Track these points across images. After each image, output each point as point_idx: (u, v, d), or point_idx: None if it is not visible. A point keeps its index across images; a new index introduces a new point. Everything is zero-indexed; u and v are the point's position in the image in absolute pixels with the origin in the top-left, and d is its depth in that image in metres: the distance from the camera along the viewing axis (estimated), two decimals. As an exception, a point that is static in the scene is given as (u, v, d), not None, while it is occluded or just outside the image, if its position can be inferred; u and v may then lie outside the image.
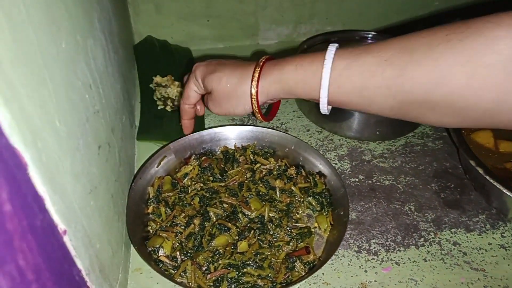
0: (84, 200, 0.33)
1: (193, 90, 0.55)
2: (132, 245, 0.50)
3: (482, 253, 0.53)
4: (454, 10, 0.93)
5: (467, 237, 0.55)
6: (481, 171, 0.50)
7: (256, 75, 0.46)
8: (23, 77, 0.24)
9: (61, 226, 0.27)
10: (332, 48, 0.42)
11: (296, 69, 0.44)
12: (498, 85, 0.33)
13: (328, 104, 0.44)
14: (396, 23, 0.95)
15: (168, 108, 0.73)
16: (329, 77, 0.41)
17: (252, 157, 0.63)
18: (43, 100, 0.26)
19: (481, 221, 0.57)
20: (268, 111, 0.55)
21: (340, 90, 0.41)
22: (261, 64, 0.47)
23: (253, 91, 0.47)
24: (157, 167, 0.59)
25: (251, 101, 0.47)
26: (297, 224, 0.55)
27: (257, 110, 0.48)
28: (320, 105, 0.44)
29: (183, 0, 0.84)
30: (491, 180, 0.49)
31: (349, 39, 0.80)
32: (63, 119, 0.30)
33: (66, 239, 0.28)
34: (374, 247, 0.53)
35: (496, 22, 0.33)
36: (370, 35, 0.80)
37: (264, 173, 0.61)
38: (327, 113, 0.46)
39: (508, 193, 0.47)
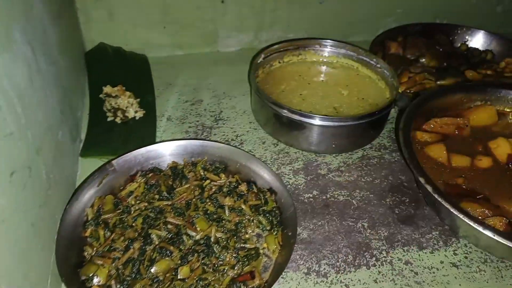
0: (-18, 238, 0.30)
1: None
2: (62, 274, 0.46)
3: (434, 272, 0.51)
4: (415, 18, 0.93)
5: (419, 255, 0.53)
6: (429, 189, 0.48)
7: None
8: None
9: None
10: None
11: None
12: None
13: None
14: (357, 31, 0.94)
15: (118, 120, 0.70)
16: None
17: (202, 173, 0.60)
18: None
19: (434, 238, 0.55)
20: None
21: None
22: None
23: None
24: (98, 186, 0.55)
25: None
26: (245, 245, 0.52)
27: None
28: None
29: (137, 6, 0.81)
30: (439, 199, 0.47)
31: (308, 47, 0.79)
32: None
33: None
34: (324, 268, 0.51)
35: None
36: (329, 44, 0.78)
37: (213, 190, 0.58)
38: None
39: (455, 212, 0.46)
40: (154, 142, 0.64)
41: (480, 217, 0.48)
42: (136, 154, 0.59)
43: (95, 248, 0.50)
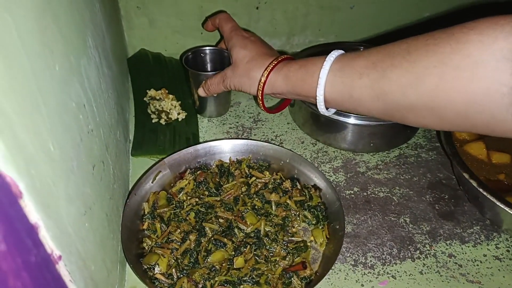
0: (79, 222, 0.33)
1: (225, 20, 0.66)
2: (127, 263, 0.49)
3: (477, 265, 0.53)
4: (444, 20, 0.95)
5: (462, 248, 0.55)
6: (474, 183, 0.50)
7: (270, 67, 0.52)
8: (16, 104, 0.23)
9: (56, 252, 0.27)
10: (334, 53, 0.46)
11: (299, 68, 0.49)
12: (466, 87, 0.34)
13: (326, 104, 0.47)
14: (387, 33, 0.96)
15: (162, 122, 0.73)
16: (325, 77, 0.45)
17: (247, 171, 0.63)
18: (36, 126, 0.26)
19: (476, 233, 0.57)
20: (276, 106, 0.62)
21: (334, 89, 0.45)
22: (279, 59, 0.53)
23: (262, 79, 0.52)
24: (152, 182, 0.59)
25: (258, 87, 0.53)
26: (293, 238, 0.55)
27: (260, 97, 0.54)
28: (318, 104, 0.47)
29: (176, 14, 0.84)
30: (485, 193, 0.49)
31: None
32: (57, 142, 0.30)
33: (61, 264, 0.28)
34: (370, 261, 0.53)
35: (470, 27, 0.34)
36: (362, 47, 0.81)
37: (259, 186, 0.61)
38: (327, 114, 0.49)
39: (501, 205, 0.48)
40: (198, 142, 0.68)
41: (524, 211, 0.50)
42: (185, 153, 0.62)
43: (153, 240, 0.53)
